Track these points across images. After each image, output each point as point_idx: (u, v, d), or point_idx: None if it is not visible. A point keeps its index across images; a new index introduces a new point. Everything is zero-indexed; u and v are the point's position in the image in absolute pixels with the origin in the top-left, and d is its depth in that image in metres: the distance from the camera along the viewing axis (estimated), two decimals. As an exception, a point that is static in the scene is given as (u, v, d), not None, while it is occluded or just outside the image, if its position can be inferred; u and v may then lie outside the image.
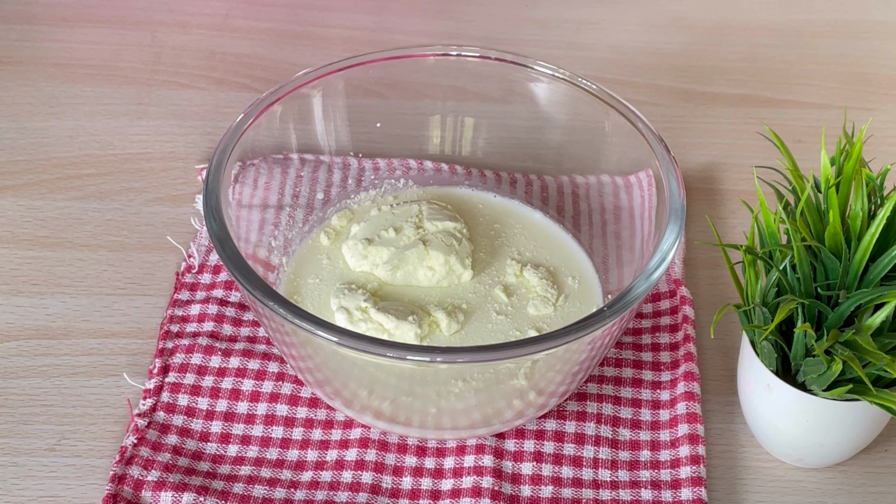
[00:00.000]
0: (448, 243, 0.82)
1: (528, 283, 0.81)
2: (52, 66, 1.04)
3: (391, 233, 0.82)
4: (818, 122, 1.01)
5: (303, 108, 0.85)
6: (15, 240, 0.89)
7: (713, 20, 1.13)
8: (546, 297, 0.80)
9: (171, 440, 0.76)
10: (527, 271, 0.82)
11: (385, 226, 0.83)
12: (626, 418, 0.78)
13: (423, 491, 0.74)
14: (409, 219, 0.83)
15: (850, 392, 0.69)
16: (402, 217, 0.84)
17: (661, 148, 0.78)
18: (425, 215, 0.84)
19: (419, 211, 0.84)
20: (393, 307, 0.78)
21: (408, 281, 0.81)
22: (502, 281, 0.82)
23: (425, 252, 0.81)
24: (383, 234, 0.83)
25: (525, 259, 0.83)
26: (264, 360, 0.80)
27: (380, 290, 0.81)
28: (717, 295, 0.87)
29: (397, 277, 0.81)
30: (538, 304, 0.80)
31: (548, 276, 0.82)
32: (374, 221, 0.84)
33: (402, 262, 0.81)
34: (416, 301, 0.80)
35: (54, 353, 0.81)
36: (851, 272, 0.70)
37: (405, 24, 1.11)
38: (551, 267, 0.83)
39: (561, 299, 0.81)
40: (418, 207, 0.85)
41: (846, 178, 0.71)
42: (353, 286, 0.80)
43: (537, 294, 0.80)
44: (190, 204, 0.92)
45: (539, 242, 0.85)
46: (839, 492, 0.75)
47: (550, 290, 0.81)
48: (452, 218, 0.84)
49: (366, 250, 0.82)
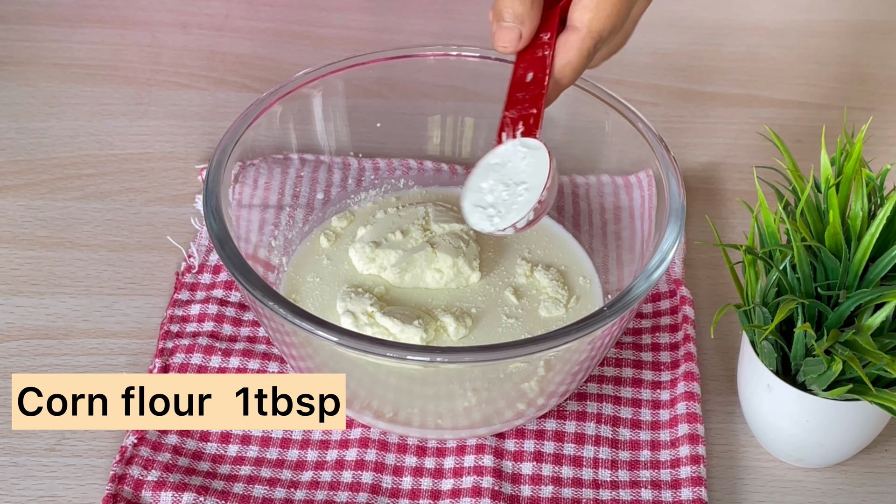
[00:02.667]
0: (455, 245, 0.81)
1: (539, 283, 0.81)
2: (52, 66, 1.04)
3: (398, 235, 0.82)
4: (818, 122, 1.01)
5: (303, 108, 0.85)
6: (15, 240, 0.89)
7: (713, 20, 1.12)
8: (557, 299, 0.80)
9: (171, 440, 0.76)
10: (537, 272, 0.82)
11: (392, 228, 0.83)
12: (626, 418, 0.78)
13: (423, 491, 0.74)
14: (416, 221, 0.83)
15: (850, 392, 0.69)
16: (408, 219, 0.84)
17: (661, 148, 0.78)
18: (432, 217, 0.84)
19: (425, 213, 0.84)
20: (399, 311, 0.78)
21: (416, 283, 0.81)
22: (512, 282, 0.81)
23: (433, 255, 0.81)
24: (390, 236, 0.82)
25: (536, 259, 0.83)
26: (264, 360, 0.80)
27: (386, 294, 0.80)
28: (717, 295, 0.87)
29: (405, 280, 0.81)
30: (549, 305, 0.80)
31: (558, 277, 0.81)
32: (381, 224, 0.84)
33: (410, 264, 0.81)
34: (424, 305, 0.80)
35: (54, 353, 0.81)
36: (851, 272, 0.70)
37: (405, 24, 1.11)
38: (562, 266, 0.83)
39: (572, 301, 0.81)
40: (424, 209, 0.85)
41: (846, 178, 0.71)
42: (360, 289, 0.80)
43: (548, 296, 0.80)
44: (190, 204, 0.92)
45: (545, 242, 0.85)
46: (839, 492, 0.75)
47: (561, 291, 0.81)
48: (459, 220, 0.84)
49: (373, 253, 0.82)
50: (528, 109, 0.71)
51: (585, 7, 0.70)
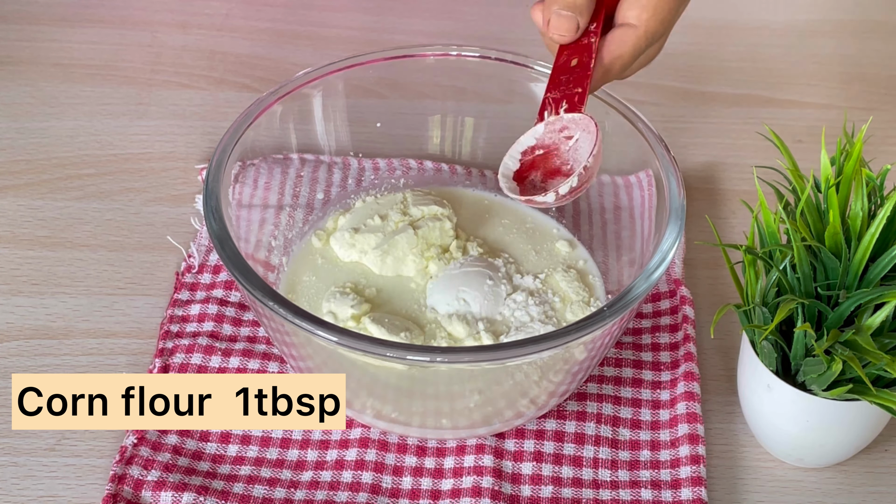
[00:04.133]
0: (434, 226, 0.82)
1: (557, 284, 0.81)
2: (52, 66, 1.04)
3: (377, 220, 0.83)
4: (818, 122, 1.01)
5: (303, 108, 0.85)
6: (15, 240, 0.89)
7: (713, 20, 1.12)
8: (582, 302, 0.80)
9: (171, 440, 0.76)
10: (557, 274, 0.82)
11: (370, 214, 0.83)
12: (626, 418, 0.78)
13: (423, 491, 0.74)
14: (394, 206, 0.84)
15: (850, 392, 0.69)
16: (386, 206, 0.84)
17: (661, 148, 0.78)
18: (410, 202, 0.84)
19: (403, 198, 0.85)
20: (388, 320, 0.78)
21: (398, 267, 0.81)
22: (531, 286, 0.81)
23: (415, 238, 0.81)
24: (369, 221, 0.83)
25: (556, 261, 0.83)
26: (264, 360, 0.80)
27: (377, 297, 0.80)
28: (717, 295, 0.87)
29: (387, 264, 0.81)
30: (575, 309, 0.79)
31: (578, 279, 0.81)
32: (360, 212, 0.84)
33: (392, 247, 0.81)
34: (416, 318, 0.79)
35: (54, 353, 0.81)
36: (851, 272, 0.70)
37: (405, 24, 1.11)
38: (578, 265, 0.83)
39: (593, 300, 0.81)
40: (402, 195, 0.85)
41: (846, 178, 0.71)
42: (347, 289, 0.80)
43: (571, 300, 0.80)
44: (190, 204, 0.92)
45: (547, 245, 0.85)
46: (839, 492, 0.75)
47: (582, 291, 0.81)
48: (438, 202, 0.84)
49: (353, 239, 0.82)
50: (573, 89, 0.71)
51: (644, 7, 0.70)
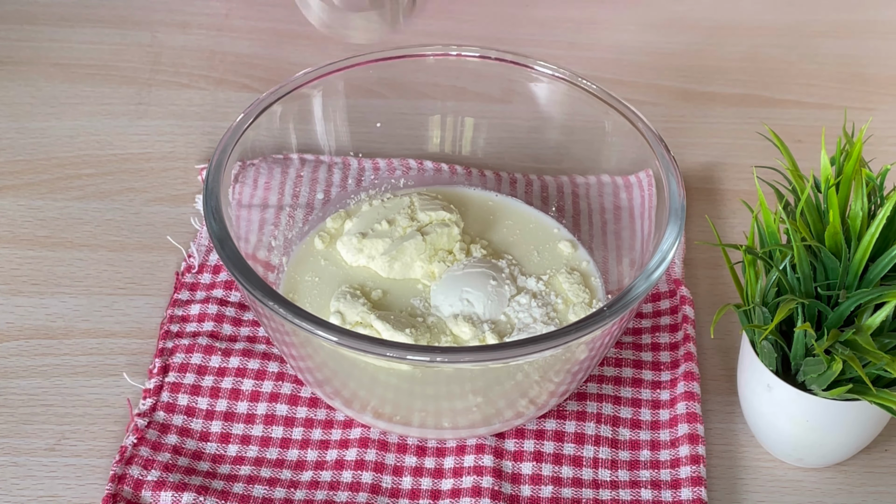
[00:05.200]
0: (442, 233, 0.82)
1: (560, 286, 0.81)
2: (52, 66, 1.04)
3: (384, 225, 0.83)
4: (818, 122, 1.01)
5: (303, 108, 0.85)
6: (15, 240, 0.89)
7: (713, 20, 1.12)
8: (584, 304, 0.80)
9: (170, 440, 0.76)
10: (561, 275, 0.82)
11: (378, 219, 0.83)
12: (626, 418, 0.78)
13: (423, 491, 0.74)
14: (402, 210, 0.84)
15: (850, 392, 0.69)
16: (394, 210, 0.84)
17: (661, 148, 0.78)
18: (417, 207, 0.84)
19: (410, 202, 0.84)
20: (393, 317, 0.78)
21: (405, 273, 0.81)
22: (535, 288, 0.81)
23: (423, 244, 0.81)
24: (377, 226, 0.83)
25: (560, 263, 0.83)
26: (264, 360, 0.80)
27: (383, 299, 0.80)
28: (717, 295, 0.87)
29: (395, 269, 0.81)
30: (577, 310, 0.79)
31: (580, 281, 0.81)
32: (367, 216, 0.84)
33: (400, 253, 0.81)
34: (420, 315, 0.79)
35: (54, 353, 0.81)
36: (851, 272, 0.70)
37: (405, 24, 1.11)
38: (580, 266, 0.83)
39: (594, 302, 0.81)
40: (409, 199, 0.85)
41: (846, 178, 0.71)
42: (357, 292, 0.80)
43: (573, 302, 0.80)
44: (190, 204, 0.92)
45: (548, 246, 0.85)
46: (839, 492, 0.75)
47: (582, 293, 0.81)
48: (446, 208, 0.84)
49: (360, 244, 0.82)
50: None
51: None
